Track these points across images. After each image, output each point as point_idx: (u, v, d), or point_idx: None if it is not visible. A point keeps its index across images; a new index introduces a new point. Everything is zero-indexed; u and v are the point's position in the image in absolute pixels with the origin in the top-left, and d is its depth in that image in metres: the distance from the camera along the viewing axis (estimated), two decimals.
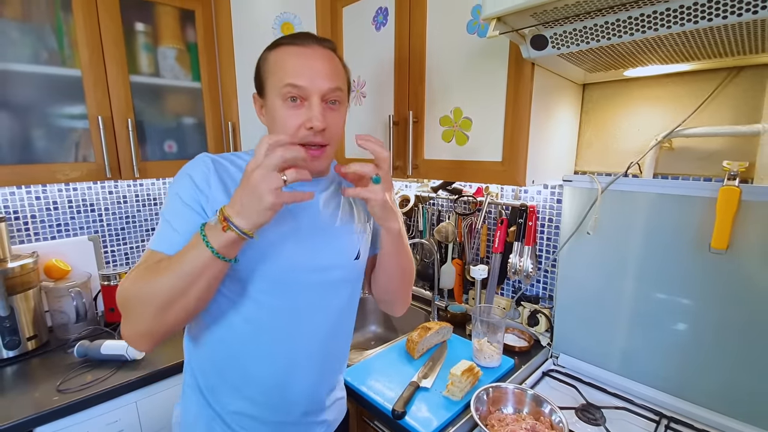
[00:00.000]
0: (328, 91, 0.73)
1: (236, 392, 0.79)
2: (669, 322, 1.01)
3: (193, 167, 0.73)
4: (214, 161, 0.74)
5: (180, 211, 0.70)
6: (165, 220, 0.71)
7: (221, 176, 0.73)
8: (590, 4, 0.68)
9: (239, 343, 0.77)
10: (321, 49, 0.74)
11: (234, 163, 0.77)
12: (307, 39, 0.74)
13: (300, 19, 1.42)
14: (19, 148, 1.16)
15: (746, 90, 0.94)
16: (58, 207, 1.49)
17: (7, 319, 1.19)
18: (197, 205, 0.71)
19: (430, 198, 1.63)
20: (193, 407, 0.83)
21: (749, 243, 0.88)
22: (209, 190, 0.71)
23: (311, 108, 0.71)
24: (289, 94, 0.71)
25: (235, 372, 0.78)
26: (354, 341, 1.65)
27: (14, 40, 1.12)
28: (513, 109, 0.99)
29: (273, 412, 0.81)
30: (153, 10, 1.36)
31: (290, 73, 0.71)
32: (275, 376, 0.79)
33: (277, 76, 0.72)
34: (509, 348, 1.23)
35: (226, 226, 0.60)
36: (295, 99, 0.72)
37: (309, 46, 0.74)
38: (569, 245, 1.16)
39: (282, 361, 0.79)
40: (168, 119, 1.45)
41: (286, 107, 0.72)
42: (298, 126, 0.72)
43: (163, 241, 0.69)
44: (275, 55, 0.74)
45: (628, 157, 1.11)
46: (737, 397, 0.92)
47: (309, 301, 0.79)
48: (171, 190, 0.73)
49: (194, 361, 0.82)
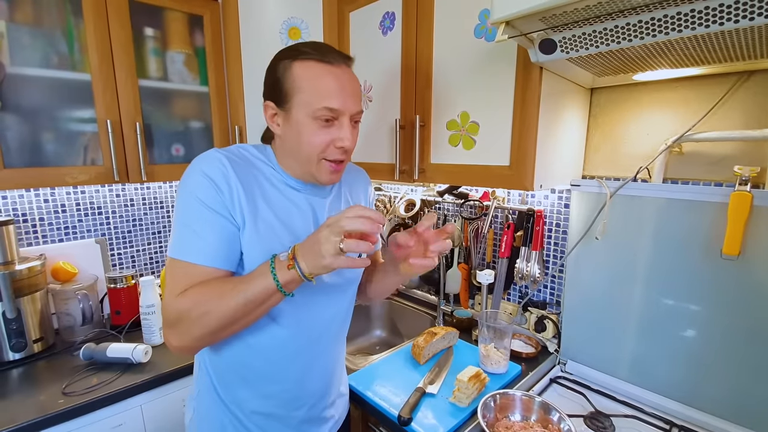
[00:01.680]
0: (357, 113, 0.76)
1: (256, 392, 0.81)
2: (678, 328, 0.99)
3: (209, 166, 0.71)
4: (228, 158, 0.73)
5: (206, 217, 0.69)
6: (186, 225, 0.69)
7: (239, 174, 0.73)
8: (600, 8, 0.68)
9: (271, 347, 0.79)
10: (348, 69, 0.76)
11: (245, 159, 0.77)
12: (337, 58, 0.74)
13: (307, 24, 1.42)
14: (29, 152, 1.17)
15: (757, 94, 0.93)
16: (66, 210, 1.50)
17: (14, 321, 1.20)
18: (224, 209, 0.70)
19: (436, 202, 1.63)
20: (208, 408, 0.84)
21: (761, 249, 0.86)
22: (231, 190, 0.71)
23: (342, 128, 0.74)
24: (324, 116, 0.72)
25: (259, 372, 0.80)
26: (358, 346, 1.66)
27: (25, 44, 1.14)
28: (521, 113, 0.98)
29: (290, 408, 0.84)
30: (162, 16, 1.38)
31: (326, 96, 0.72)
32: (297, 373, 0.83)
33: (311, 94, 0.72)
34: (516, 354, 1.22)
35: (292, 264, 0.65)
36: (329, 120, 0.73)
37: (340, 66, 0.74)
38: (577, 250, 1.15)
39: (304, 359, 0.83)
40: (176, 123, 1.46)
41: (317, 126, 0.73)
42: (327, 143, 0.74)
43: (194, 251, 0.69)
44: (304, 70, 0.72)
45: (637, 161, 1.10)
46: (749, 406, 0.90)
47: (327, 300, 0.84)
48: (187, 192, 0.70)
49: (211, 364, 0.83)
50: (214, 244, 0.69)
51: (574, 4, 0.66)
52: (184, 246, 0.69)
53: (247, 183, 0.74)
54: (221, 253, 0.70)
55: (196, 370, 0.88)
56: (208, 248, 0.69)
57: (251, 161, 0.78)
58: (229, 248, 0.71)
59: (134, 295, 1.44)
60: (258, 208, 0.74)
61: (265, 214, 0.74)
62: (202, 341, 0.70)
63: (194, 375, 0.89)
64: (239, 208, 0.71)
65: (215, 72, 1.49)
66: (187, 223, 0.69)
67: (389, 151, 1.32)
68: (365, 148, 1.42)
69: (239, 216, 0.72)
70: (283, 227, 0.76)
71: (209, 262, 0.69)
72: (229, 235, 0.71)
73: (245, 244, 0.72)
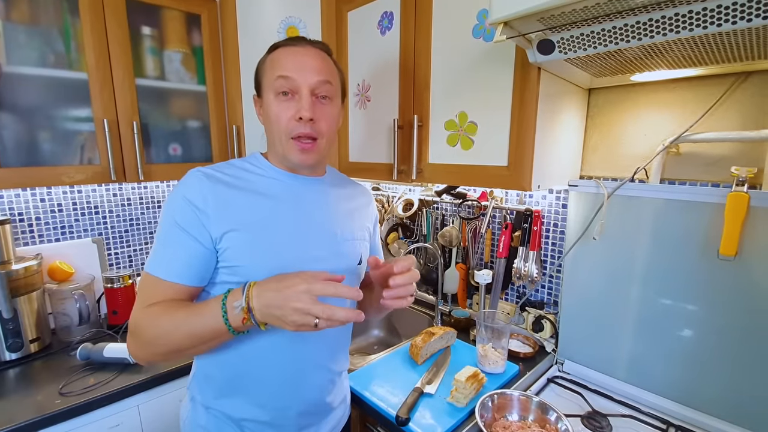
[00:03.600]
0: (317, 84, 0.76)
1: (249, 400, 0.80)
2: (676, 328, 1.00)
3: (187, 186, 0.74)
4: (207, 175, 0.75)
5: (176, 236, 0.72)
6: (161, 244, 0.73)
7: (217, 189, 0.74)
8: (598, 9, 0.68)
9: (258, 356, 0.78)
10: (312, 48, 0.79)
11: (228, 172, 0.79)
12: (301, 40, 0.80)
13: (305, 23, 1.42)
14: (25, 151, 1.17)
15: (754, 95, 0.94)
16: (62, 209, 1.50)
17: (11, 321, 1.19)
18: (194, 227, 0.71)
19: (434, 202, 1.63)
20: (198, 416, 0.83)
21: (758, 249, 0.87)
22: (207, 207, 0.72)
23: (301, 99, 0.76)
24: (280, 88, 0.75)
25: (251, 381, 0.79)
26: (356, 345, 1.66)
27: (22, 43, 1.13)
28: (519, 114, 0.98)
29: (285, 417, 0.83)
30: (159, 14, 1.37)
31: (280, 68, 0.76)
32: (291, 380, 0.81)
33: (271, 71, 0.77)
34: (514, 354, 1.22)
35: (247, 318, 0.64)
36: (287, 93, 0.76)
37: (301, 45, 0.79)
38: (575, 250, 1.15)
39: (298, 366, 0.82)
40: (173, 122, 1.46)
41: (278, 101, 0.76)
42: (289, 118, 0.76)
43: (160, 267, 0.72)
44: (271, 56, 0.79)
45: (635, 162, 1.11)
46: (745, 406, 0.91)
47: None
48: (166, 211, 0.73)
49: (205, 373, 0.83)
50: (182, 261, 0.71)
51: (572, 5, 0.66)
52: (157, 262, 0.72)
53: (229, 193, 0.75)
54: (189, 271, 0.72)
55: (190, 376, 0.88)
56: (177, 266, 0.71)
57: (233, 174, 0.79)
58: (199, 266, 0.73)
59: (131, 295, 1.44)
60: (242, 214, 0.75)
61: (251, 221, 0.75)
62: (156, 357, 0.72)
63: (189, 381, 0.88)
64: (219, 220, 0.72)
65: (213, 71, 1.49)
66: (162, 241, 0.73)
67: (387, 151, 1.32)
68: (363, 147, 1.42)
69: (221, 227, 0.72)
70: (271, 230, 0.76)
71: (176, 278, 0.71)
72: (199, 254, 0.72)
73: (234, 252, 0.73)
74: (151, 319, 0.69)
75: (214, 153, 1.53)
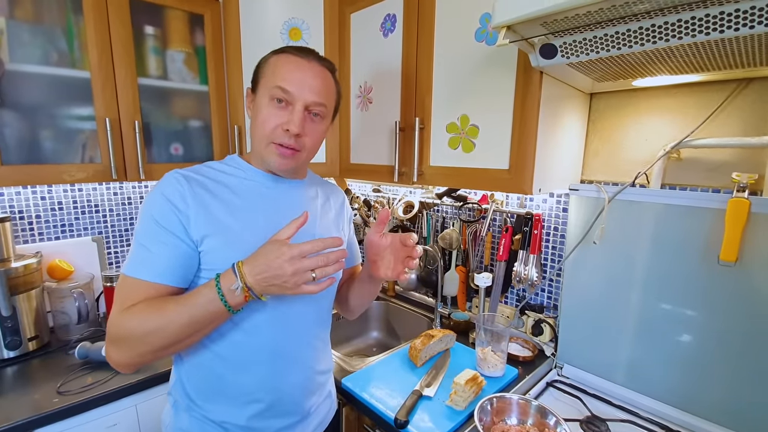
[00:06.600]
0: (312, 104, 0.77)
1: (230, 402, 0.79)
2: (675, 333, 1.00)
3: (166, 186, 0.73)
4: (186, 177, 0.75)
5: (158, 235, 0.71)
6: (140, 244, 0.71)
7: (196, 191, 0.74)
8: (601, 14, 0.68)
9: (237, 356, 0.78)
10: (318, 65, 0.79)
11: (206, 175, 0.79)
12: (310, 54, 0.79)
13: (308, 25, 1.42)
14: (27, 149, 1.17)
15: (755, 101, 0.94)
16: (63, 207, 1.50)
17: (9, 319, 1.19)
18: (175, 226, 0.71)
19: (434, 204, 1.63)
20: (181, 421, 0.83)
21: (759, 256, 0.87)
22: (187, 209, 0.72)
23: (293, 113, 0.76)
24: (276, 95, 0.76)
25: (229, 383, 0.79)
26: (355, 347, 1.66)
27: (25, 41, 1.13)
28: (521, 117, 0.98)
29: (268, 417, 0.82)
30: (162, 14, 1.37)
31: (282, 78, 0.76)
32: (269, 381, 0.81)
33: (272, 76, 0.77)
34: (513, 357, 1.22)
35: (249, 296, 0.67)
36: (281, 101, 0.76)
37: (310, 60, 0.78)
38: (575, 254, 1.15)
39: (276, 366, 0.81)
40: (175, 122, 1.46)
41: (271, 106, 0.77)
42: (277, 125, 0.76)
43: (142, 268, 0.70)
44: (276, 59, 0.79)
45: (636, 166, 1.11)
46: (745, 412, 0.91)
47: (304, 304, 0.83)
48: (144, 212, 0.72)
49: (185, 377, 0.82)
50: (165, 261, 0.70)
51: (575, 10, 0.66)
52: (136, 263, 0.71)
53: (208, 195, 0.75)
54: (172, 270, 0.71)
55: (171, 382, 0.87)
56: (159, 265, 0.70)
57: (212, 176, 0.79)
58: (182, 266, 0.72)
59: None
60: (220, 219, 0.75)
61: (229, 225, 0.75)
62: (144, 358, 0.69)
63: (169, 386, 0.88)
64: (198, 223, 0.72)
65: (215, 71, 1.49)
66: (141, 242, 0.71)
67: (389, 153, 1.32)
68: (365, 149, 1.42)
69: (199, 230, 0.72)
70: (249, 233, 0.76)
71: (159, 278, 0.70)
72: (183, 253, 0.72)
73: (212, 256, 0.73)
74: (138, 318, 0.67)
75: (215, 153, 1.53)
